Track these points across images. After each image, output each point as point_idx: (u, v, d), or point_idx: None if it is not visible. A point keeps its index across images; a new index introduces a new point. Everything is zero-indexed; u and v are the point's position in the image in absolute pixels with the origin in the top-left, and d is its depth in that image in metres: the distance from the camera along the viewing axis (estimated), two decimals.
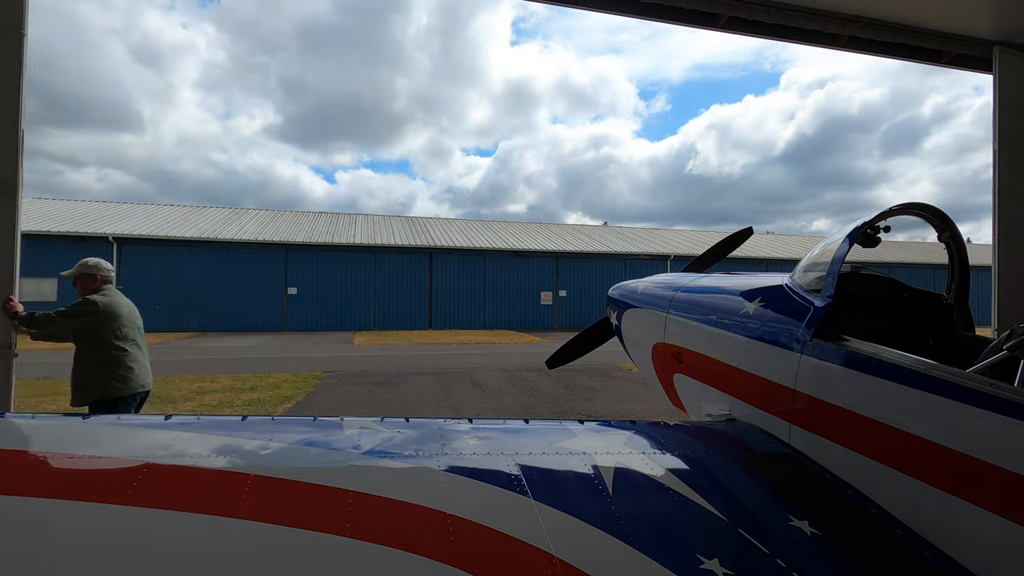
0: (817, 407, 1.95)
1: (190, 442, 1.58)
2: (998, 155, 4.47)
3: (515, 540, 1.33)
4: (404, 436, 1.80)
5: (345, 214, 31.10)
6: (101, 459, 1.47)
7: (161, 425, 1.71)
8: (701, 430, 2.35)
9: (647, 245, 29.60)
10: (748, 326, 2.48)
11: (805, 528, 1.54)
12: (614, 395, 9.17)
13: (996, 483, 1.30)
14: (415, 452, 1.68)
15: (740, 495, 1.72)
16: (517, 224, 33.23)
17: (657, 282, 3.85)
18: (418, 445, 1.73)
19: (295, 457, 1.61)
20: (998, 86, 4.50)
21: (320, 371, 11.35)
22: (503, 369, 11.92)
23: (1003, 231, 4.47)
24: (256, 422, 1.81)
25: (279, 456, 1.59)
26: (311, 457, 1.62)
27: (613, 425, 2.24)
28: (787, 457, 2.02)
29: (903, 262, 29.97)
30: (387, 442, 1.74)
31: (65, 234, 20.41)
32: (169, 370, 11.37)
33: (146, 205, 28.16)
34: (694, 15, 4.34)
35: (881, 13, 4.37)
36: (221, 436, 1.66)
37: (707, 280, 3.38)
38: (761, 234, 37.05)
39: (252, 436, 1.68)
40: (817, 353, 2.00)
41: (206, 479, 1.45)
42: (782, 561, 1.39)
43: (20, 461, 1.42)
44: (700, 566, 1.33)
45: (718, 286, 3.14)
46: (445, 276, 25.13)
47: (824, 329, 2.04)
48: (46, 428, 1.65)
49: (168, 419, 1.75)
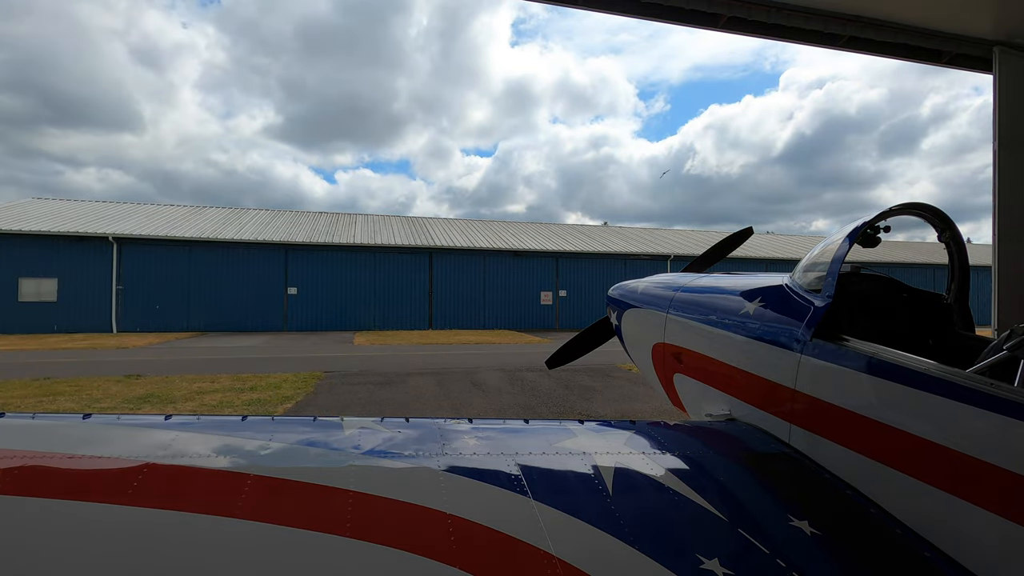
0: (817, 407, 1.95)
1: (190, 442, 1.58)
2: (998, 155, 4.47)
3: (515, 540, 1.33)
4: (404, 436, 1.81)
5: (345, 214, 31.11)
6: (101, 459, 1.47)
7: (161, 425, 1.71)
8: (701, 430, 2.36)
9: (647, 245, 29.60)
10: (748, 326, 2.48)
11: (805, 528, 1.54)
12: (614, 395, 9.17)
13: (996, 483, 1.30)
14: (415, 452, 1.68)
15: (740, 495, 1.72)
16: (517, 224, 33.24)
17: (657, 282, 3.85)
18: (418, 445, 1.73)
19: (295, 457, 1.61)
20: (998, 86, 4.50)
21: (320, 371, 11.35)
22: (503, 369, 11.92)
23: (1003, 231, 4.47)
24: (256, 422, 1.81)
25: (279, 456, 1.59)
26: (311, 457, 1.62)
27: (613, 425, 2.25)
28: (787, 457, 2.02)
29: (903, 262, 29.98)
30: (387, 442, 1.74)
31: (65, 234, 20.41)
32: (169, 370, 11.37)
33: (146, 205, 28.17)
34: (694, 15, 4.34)
35: (881, 13, 4.37)
36: (221, 436, 1.66)
37: (707, 280, 3.38)
38: (761, 234, 37.07)
39: (252, 436, 1.68)
40: (817, 353, 2.00)
41: (206, 479, 1.45)
42: (782, 561, 1.39)
43: (20, 461, 1.42)
44: (700, 566, 1.33)
45: (718, 286, 3.14)
46: (445, 276, 25.13)
47: (824, 329, 2.04)
48: (46, 428, 1.65)
49: (168, 419, 1.75)
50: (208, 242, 22.30)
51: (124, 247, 21.26)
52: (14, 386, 9.27)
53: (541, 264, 26.45)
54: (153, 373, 10.89)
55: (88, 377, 10.32)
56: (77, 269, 20.67)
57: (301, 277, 23.42)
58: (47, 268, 20.41)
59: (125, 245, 21.26)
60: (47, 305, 20.30)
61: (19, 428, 1.65)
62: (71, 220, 22.23)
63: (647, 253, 27.61)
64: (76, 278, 20.64)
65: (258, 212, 28.97)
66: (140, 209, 26.62)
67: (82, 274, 20.72)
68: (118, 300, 21.05)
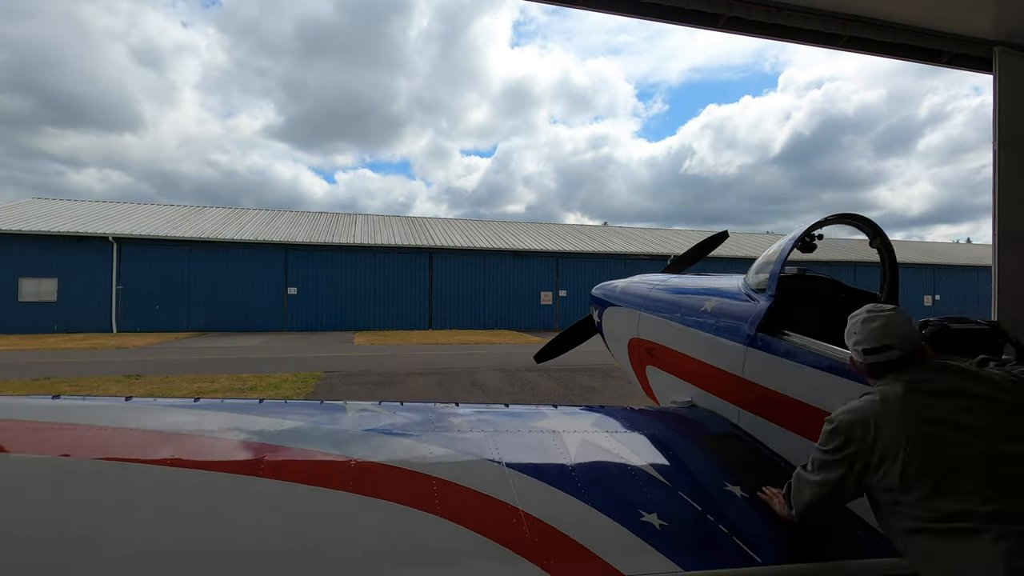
0: (759, 393, 2.22)
1: (216, 419, 1.87)
2: (998, 155, 4.47)
3: (488, 497, 1.63)
4: (399, 416, 2.08)
5: (345, 214, 31.10)
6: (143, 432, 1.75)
7: (191, 406, 2.01)
8: (659, 413, 2.70)
9: (647, 245, 29.60)
10: (706, 322, 2.81)
11: (737, 492, 1.83)
12: (613, 395, 9.16)
13: None
14: (408, 429, 1.97)
15: (683, 465, 2.02)
16: (517, 224, 33.23)
17: (634, 282, 4.12)
18: (411, 423, 2.02)
19: (305, 431, 1.88)
20: (998, 86, 4.50)
21: (320, 371, 11.35)
22: (503, 369, 11.92)
23: (1003, 231, 4.46)
24: (271, 404, 2.12)
25: (292, 430, 1.86)
26: (319, 431, 1.88)
27: (582, 409, 2.55)
28: (732, 436, 2.36)
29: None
30: (384, 421, 2.03)
31: (65, 234, 20.39)
32: (169, 370, 11.37)
33: (146, 205, 28.16)
34: (694, 15, 4.33)
35: (881, 13, 4.37)
36: (242, 415, 1.95)
37: (676, 281, 3.70)
38: (760, 234, 37.06)
39: (268, 414, 1.97)
40: (760, 346, 2.31)
41: (230, 447, 1.72)
42: (712, 516, 1.69)
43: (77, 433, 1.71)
44: (640, 519, 1.61)
45: (684, 287, 3.46)
46: (445, 276, 25.12)
47: (767, 324, 2.34)
48: (96, 408, 1.98)
49: (197, 401, 2.06)
50: (208, 242, 22.27)
51: (124, 247, 21.24)
52: (14, 386, 9.26)
53: (541, 264, 26.44)
54: (153, 373, 10.88)
55: (88, 377, 10.31)
56: (77, 269, 20.64)
57: (301, 277, 23.40)
58: (47, 268, 20.39)
59: (125, 245, 21.25)
60: (47, 305, 20.28)
61: (75, 408, 1.97)
62: (71, 220, 22.21)
63: (647, 253, 27.60)
64: (76, 278, 20.61)
65: (258, 212, 28.96)
66: (140, 209, 26.60)
67: (82, 274, 20.70)
68: (118, 300, 21.04)
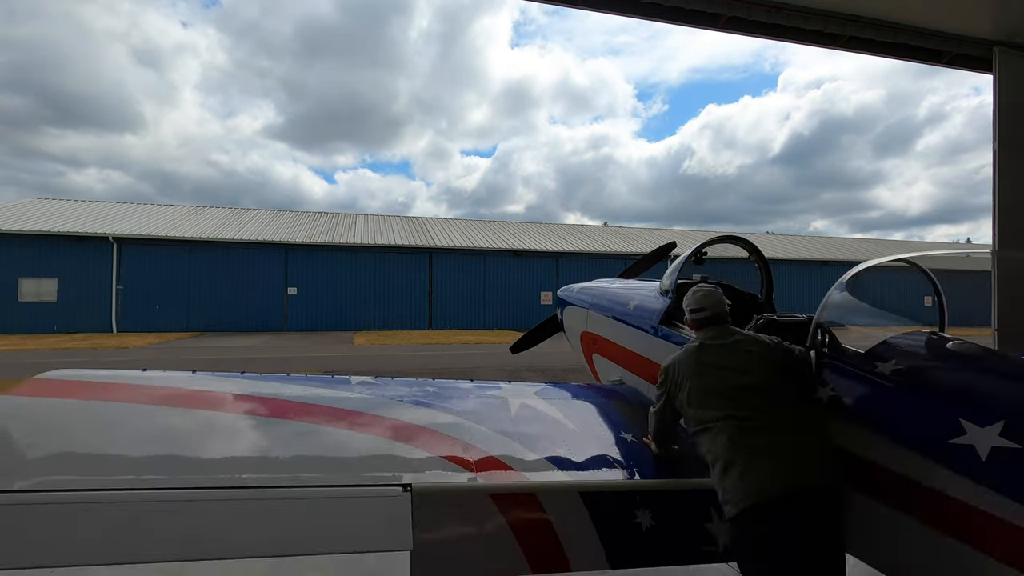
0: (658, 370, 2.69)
1: (253, 384, 2.62)
2: (998, 155, 4.47)
3: (447, 436, 2.35)
4: (390, 386, 2.82)
5: (345, 214, 31.09)
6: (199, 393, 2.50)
7: (238, 376, 2.77)
8: (591, 387, 3.44)
9: (647, 245, 29.59)
10: (630, 318, 3.64)
11: (628, 439, 2.60)
12: None
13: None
14: (396, 395, 2.69)
15: (595, 421, 2.83)
16: (517, 224, 33.23)
17: (587, 285, 4.86)
18: (398, 391, 2.75)
19: (320, 392, 2.62)
20: (998, 86, 4.50)
21: (320, 371, 11.35)
22: (503, 369, 11.92)
23: (1003, 231, 4.46)
24: (296, 377, 2.80)
25: (310, 393, 2.59)
26: (331, 394, 2.64)
27: (529, 383, 3.20)
28: (638, 403, 3.10)
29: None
30: (378, 389, 2.76)
31: (65, 234, 20.40)
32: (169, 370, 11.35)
33: (146, 205, 28.16)
34: (694, 15, 4.33)
35: (881, 13, 4.37)
36: (274, 384, 2.63)
37: (617, 284, 4.49)
38: (760, 234, 37.07)
39: (294, 384, 2.67)
40: (662, 335, 3.20)
41: (269, 402, 2.44)
42: (611, 456, 2.42)
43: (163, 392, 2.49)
44: (556, 452, 2.34)
45: (620, 289, 4.20)
46: (445, 276, 25.11)
47: (666, 318, 3.22)
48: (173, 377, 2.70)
49: (242, 374, 2.80)
50: (208, 242, 22.27)
51: (124, 247, 21.23)
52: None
53: (541, 264, 26.43)
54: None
55: None
56: (77, 269, 20.64)
57: (301, 277, 23.40)
58: (47, 268, 20.38)
59: (125, 245, 21.24)
60: (47, 305, 20.28)
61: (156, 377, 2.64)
62: (71, 220, 22.21)
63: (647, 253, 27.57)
64: (76, 278, 20.61)
65: (258, 212, 28.95)
66: (140, 209, 26.59)
67: (82, 274, 20.69)
68: (118, 300, 21.04)
